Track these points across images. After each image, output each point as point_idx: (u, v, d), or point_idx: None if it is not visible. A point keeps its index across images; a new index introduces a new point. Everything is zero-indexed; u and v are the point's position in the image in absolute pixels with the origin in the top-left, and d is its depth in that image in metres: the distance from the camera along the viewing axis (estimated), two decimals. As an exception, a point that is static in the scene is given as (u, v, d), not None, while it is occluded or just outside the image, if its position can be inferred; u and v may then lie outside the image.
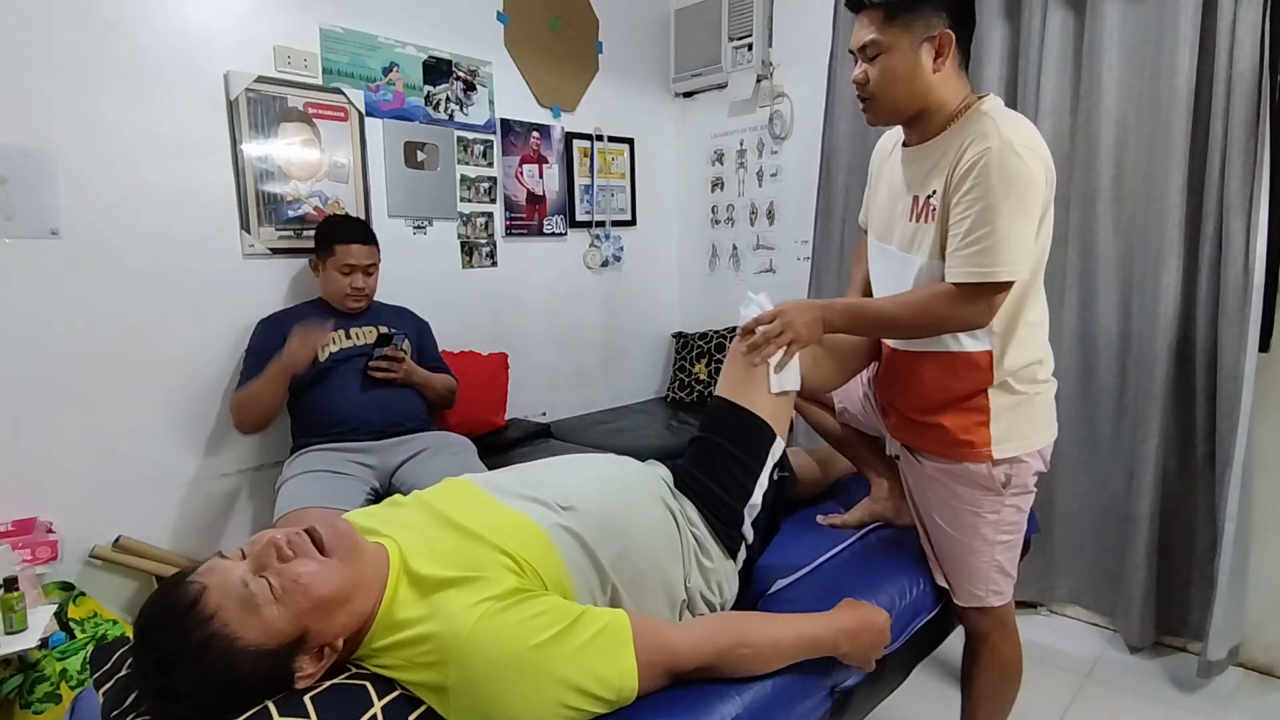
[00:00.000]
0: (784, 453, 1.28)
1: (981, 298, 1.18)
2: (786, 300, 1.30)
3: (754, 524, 1.23)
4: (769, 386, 1.27)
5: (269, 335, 2.06)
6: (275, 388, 1.95)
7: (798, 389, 1.31)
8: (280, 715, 0.82)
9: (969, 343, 1.27)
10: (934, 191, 1.24)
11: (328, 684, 0.88)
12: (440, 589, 0.92)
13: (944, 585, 1.41)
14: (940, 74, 1.22)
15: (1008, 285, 1.18)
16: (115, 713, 0.93)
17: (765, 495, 1.24)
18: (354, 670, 0.93)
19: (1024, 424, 1.29)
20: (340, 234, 2.10)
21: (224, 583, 0.85)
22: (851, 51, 1.27)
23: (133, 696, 0.94)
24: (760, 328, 1.27)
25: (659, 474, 1.29)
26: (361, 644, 0.93)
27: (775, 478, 1.26)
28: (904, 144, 1.35)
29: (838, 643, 1.11)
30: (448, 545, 0.99)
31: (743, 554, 1.24)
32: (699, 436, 1.32)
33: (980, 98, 1.25)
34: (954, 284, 1.19)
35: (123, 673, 1.01)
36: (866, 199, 1.54)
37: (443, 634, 0.87)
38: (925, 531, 1.44)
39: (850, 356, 1.46)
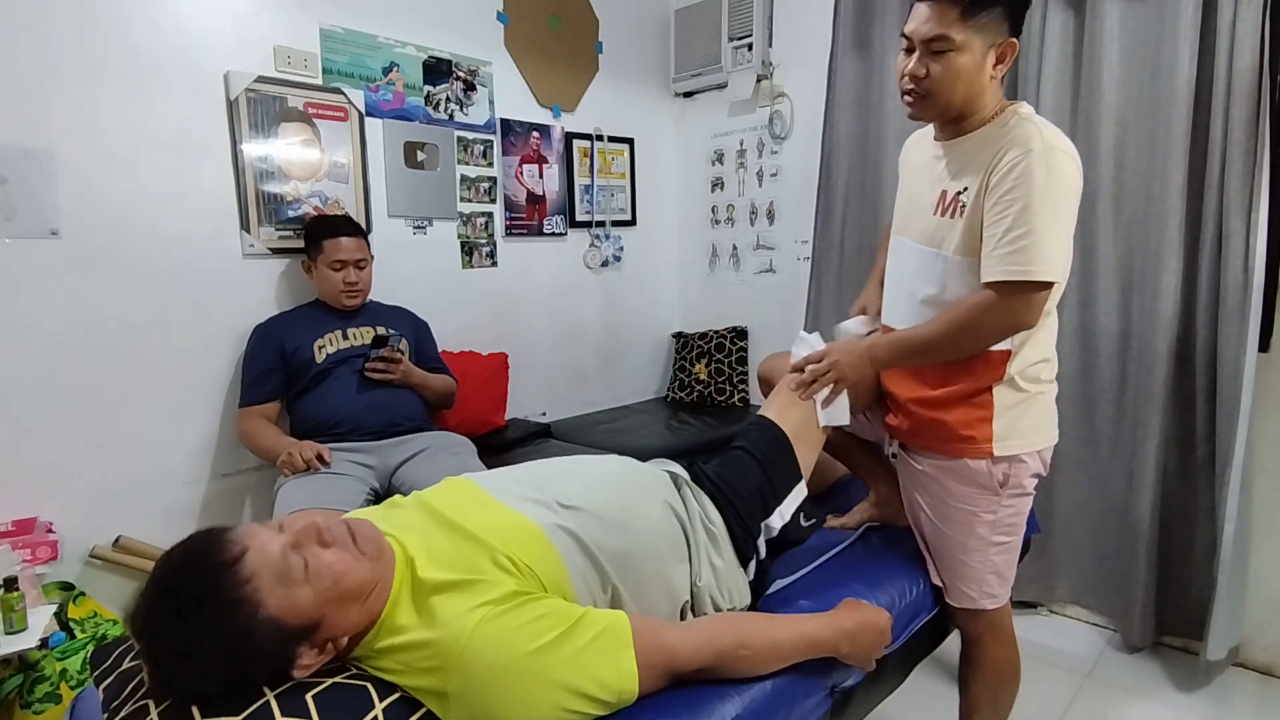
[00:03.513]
0: (805, 501, 1.31)
1: (1020, 298, 1.18)
2: (835, 342, 1.44)
3: (768, 542, 1.25)
4: (816, 421, 1.36)
5: (264, 343, 2.07)
6: (270, 454, 1.96)
7: (846, 423, 1.39)
8: (282, 715, 0.82)
9: None
10: (965, 188, 1.24)
11: (329, 683, 0.88)
12: (439, 593, 0.92)
13: (939, 584, 1.41)
14: (995, 80, 1.23)
15: (1046, 286, 1.18)
16: (114, 703, 0.93)
17: (785, 528, 1.26)
18: (355, 670, 0.93)
19: (1025, 422, 1.29)
20: (326, 230, 2.10)
21: (264, 549, 0.86)
22: (906, 37, 1.22)
23: (132, 685, 0.93)
24: (809, 366, 1.36)
25: (666, 471, 1.28)
26: (361, 643, 0.93)
27: (802, 521, 1.29)
28: (935, 138, 1.35)
29: (838, 644, 1.11)
30: (446, 547, 0.99)
31: (753, 566, 1.24)
32: (735, 446, 1.35)
33: (1015, 103, 1.26)
34: (991, 287, 1.19)
35: (124, 667, 1.01)
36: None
37: (442, 639, 0.87)
38: (920, 530, 1.44)
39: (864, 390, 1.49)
